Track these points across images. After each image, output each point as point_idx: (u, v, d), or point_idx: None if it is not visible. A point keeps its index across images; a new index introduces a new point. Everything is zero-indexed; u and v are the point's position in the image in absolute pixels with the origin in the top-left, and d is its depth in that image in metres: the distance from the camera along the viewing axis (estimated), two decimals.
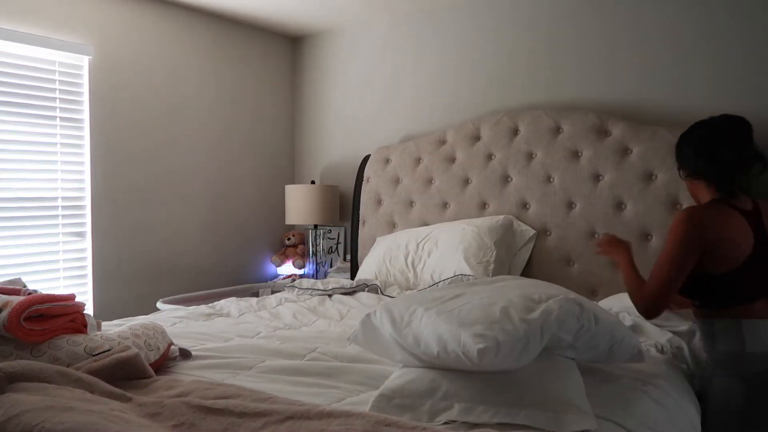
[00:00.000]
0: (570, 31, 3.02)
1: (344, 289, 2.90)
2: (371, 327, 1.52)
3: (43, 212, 2.97)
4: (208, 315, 2.48)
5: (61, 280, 3.05)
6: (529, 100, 3.14)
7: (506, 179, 3.03)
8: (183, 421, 1.25)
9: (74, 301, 1.68)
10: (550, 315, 1.33)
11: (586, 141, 2.80)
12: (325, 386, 1.54)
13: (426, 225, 3.26)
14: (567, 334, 1.38)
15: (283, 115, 4.17)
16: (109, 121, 3.20)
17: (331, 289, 2.90)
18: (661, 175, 2.60)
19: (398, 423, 1.20)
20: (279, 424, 1.22)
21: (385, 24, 3.71)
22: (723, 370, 1.75)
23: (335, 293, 2.87)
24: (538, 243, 2.90)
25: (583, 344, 1.44)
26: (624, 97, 2.87)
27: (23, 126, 2.89)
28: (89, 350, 1.57)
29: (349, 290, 2.90)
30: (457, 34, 3.42)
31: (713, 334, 1.77)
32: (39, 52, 2.92)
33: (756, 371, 1.69)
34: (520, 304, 1.37)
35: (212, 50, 3.69)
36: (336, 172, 4.00)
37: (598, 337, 1.45)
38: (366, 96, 3.83)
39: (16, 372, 1.33)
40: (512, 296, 1.41)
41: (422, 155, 3.33)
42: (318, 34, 4.06)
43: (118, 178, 3.25)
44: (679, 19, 2.73)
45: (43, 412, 1.14)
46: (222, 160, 3.78)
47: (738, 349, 1.71)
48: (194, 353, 1.81)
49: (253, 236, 3.99)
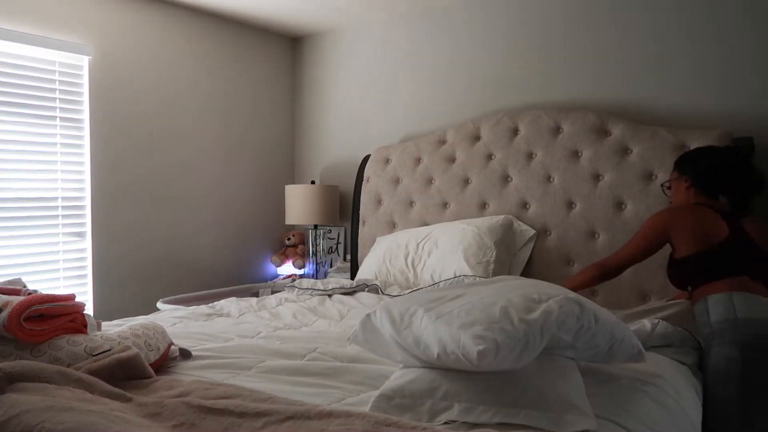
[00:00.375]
0: (570, 31, 3.02)
1: (344, 289, 2.90)
2: (371, 327, 1.52)
3: (43, 212, 2.97)
4: (208, 315, 2.48)
5: (61, 280, 3.05)
6: (529, 100, 3.14)
7: (506, 179, 3.03)
8: (183, 421, 1.25)
9: (74, 301, 1.68)
10: (550, 315, 1.33)
11: (586, 141, 2.80)
12: (325, 386, 1.54)
13: (426, 225, 3.26)
14: (567, 334, 1.38)
15: (283, 115, 4.17)
16: (109, 121, 3.20)
17: (331, 289, 2.90)
18: (661, 175, 2.60)
19: (398, 423, 1.20)
20: (279, 424, 1.22)
21: (385, 24, 3.71)
22: (719, 338, 1.86)
23: (335, 293, 2.87)
24: (538, 243, 2.90)
25: (583, 344, 1.44)
26: (624, 97, 2.87)
27: (23, 126, 2.89)
28: (89, 350, 1.57)
29: (349, 290, 2.90)
30: (457, 34, 3.42)
31: (707, 309, 1.92)
32: (39, 52, 2.92)
33: (749, 335, 1.80)
34: (520, 304, 1.37)
35: (212, 50, 3.69)
36: (336, 172, 4.00)
37: (597, 337, 1.45)
38: (366, 96, 3.83)
39: (16, 372, 1.33)
40: (512, 296, 1.41)
41: (422, 155, 3.33)
42: (318, 34, 4.06)
43: (118, 178, 3.25)
44: (680, 20, 2.73)
45: (43, 412, 1.14)
46: (222, 160, 3.78)
47: (731, 317, 1.84)
48: (194, 353, 1.81)
49: (253, 236, 3.99)
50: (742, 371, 1.78)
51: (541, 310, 1.34)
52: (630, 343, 1.54)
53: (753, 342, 1.79)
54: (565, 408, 1.25)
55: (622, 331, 1.52)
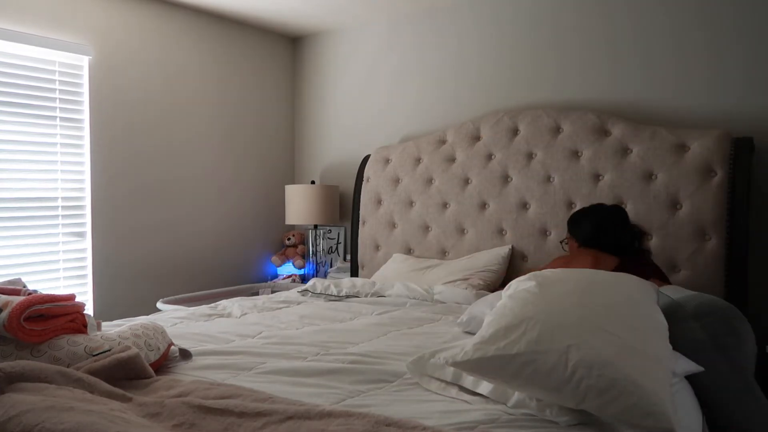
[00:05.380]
0: (570, 31, 3.02)
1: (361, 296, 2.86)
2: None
3: (43, 212, 2.97)
4: (208, 315, 2.48)
5: (61, 280, 3.05)
6: (529, 100, 3.14)
7: (506, 179, 3.03)
8: (183, 421, 1.25)
9: (74, 301, 1.68)
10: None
11: (586, 141, 2.80)
12: (325, 387, 1.54)
13: (426, 225, 3.27)
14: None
15: (283, 115, 4.17)
16: (109, 121, 3.20)
17: (345, 295, 2.86)
18: (661, 175, 2.60)
19: (398, 423, 1.20)
20: (279, 424, 1.22)
21: (385, 24, 3.71)
22: (670, 318, 1.81)
23: (349, 299, 2.84)
24: (537, 243, 2.90)
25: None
26: (624, 97, 2.87)
27: (23, 126, 2.89)
28: (89, 350, 1.57)
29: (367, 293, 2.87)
30: (456, 34, 3.42)
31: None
32: (39, 52, 2.92)
33: (691, 306, 1.80)
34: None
35: (212, 50, 3.69)
36: (336, 172, 4.00)
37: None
38: (366, 96, 3.83)
39: (16, 372, 1.33)
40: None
41: (422, 155, 3.33)
42: (318, 34, 4.06)
43: (118, 178, 3.25)
44: (680, 19, 2.73)
45: (43, 413, 1.13)
46: (222, 160, 3.78)
47: (667, 301, 1.85)
48: (194, 354, 1.81)
49: (253, 236, 3.99)
50: (707, 335, 1.75)
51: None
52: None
53: (699, 312, 1.78)
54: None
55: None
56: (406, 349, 1.88)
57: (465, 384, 1.47)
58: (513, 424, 1.28)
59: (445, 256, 3.22)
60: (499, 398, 1.40)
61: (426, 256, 3.26)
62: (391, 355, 1.81)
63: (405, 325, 2.27)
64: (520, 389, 1.34)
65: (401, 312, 2.51)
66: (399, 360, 1.75)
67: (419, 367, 1.56)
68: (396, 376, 1.62)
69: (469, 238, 3.14)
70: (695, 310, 1.79)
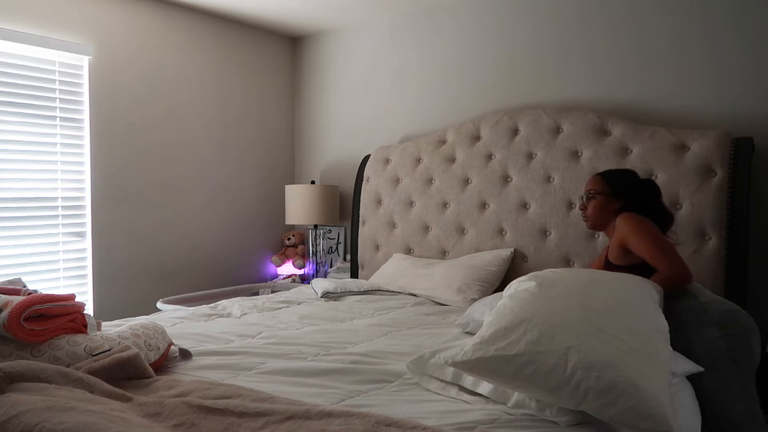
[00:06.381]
0: (570, 31, 3.02)
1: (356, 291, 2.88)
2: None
3: (43, 212, 2.97)
4: (208, 315, 2.48)
5: (61, 280, 3.05)
6: (529, 100, 3.14)
7: (506, 179, 3.03)
8: (183, 421, 1.25)
9: (74, 301, 1.68)
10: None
11: (586, 141, 2.80)
12: (325, 387, 1.54)
13: (426, 225, 3.27)
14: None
15: (283, 115, 4.17)
16: (109, 121, 3.20)
17: (348, 291, 2.87)
18: (660, 174, 2.60)
19: (398, 423, 1.20)
20: (279, 424, 1.22)
21: (385, 24, 3.71)
22: (693, 324, 1.85)
23: (348, 296, 2.85)
24: (537, 243, 2.90)
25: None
26: (624, 97, 2.87)
27: (23, 126, 2.89)
28: (89, 350, 1.57)
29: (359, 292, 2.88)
30: (456, 34, 3.42)
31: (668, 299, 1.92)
32: (39, 52, 2.92)
33: (716, 314, 1.82)
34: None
35: (212, 50, 3.69)
36: (336, 172, 4.00)
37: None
38: (366, 96, 3.83)
39: (16, 372, 1.33)
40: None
41: (422, 155, 3.33)
42: (318, 34, 4.06)
43: (118, 178, 3.25)
44: (680, 20, 2.73)
45: (43, 413, 1.13)
46: (222, 160, 3.78)
47: (693, 304, 1.87)
48: (194, 354, 1.81)
49: (253, 236, 3.99)
50: (726, 346, 1.79)
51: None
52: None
53: (722, 320, 1.82)
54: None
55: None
56: (406, 349, 1.88)
57: (465, 384, 1.47)
58: (513, 424, 1.28)
59: (445, 256, 3.22)
60: (499, 398, 1.40)
61: (426, 256, 3.26)
62: (391, 355, 1.82)
63: (405, 326, 2.27)
64: (520, 390, 1.34)
65: (401, 312, 2.51)
66: (399, 360, 1.75)
67: (419, 367, 1.56)
68: (396, 376, 1.62)
69: (469, 238, 3.14)
70: (719, 317, 1.82)
